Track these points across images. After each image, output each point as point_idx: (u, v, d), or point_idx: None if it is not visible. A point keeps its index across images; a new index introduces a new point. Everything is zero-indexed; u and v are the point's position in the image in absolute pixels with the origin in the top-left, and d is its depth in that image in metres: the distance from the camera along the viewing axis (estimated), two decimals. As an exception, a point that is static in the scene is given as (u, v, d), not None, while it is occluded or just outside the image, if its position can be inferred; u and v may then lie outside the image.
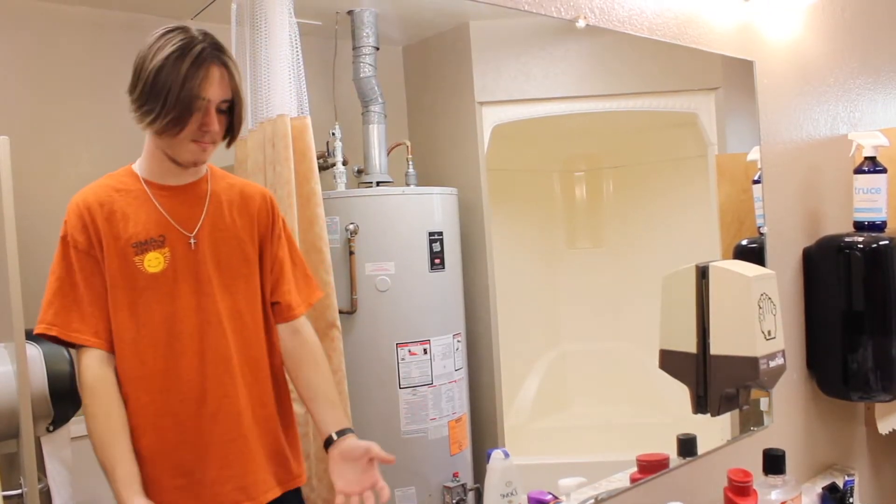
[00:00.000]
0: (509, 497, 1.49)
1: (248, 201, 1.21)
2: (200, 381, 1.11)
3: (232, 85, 1.11)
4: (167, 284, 1.10)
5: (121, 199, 1.12)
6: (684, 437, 1.81)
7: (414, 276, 1.70)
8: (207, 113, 1.08)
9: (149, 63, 1.07)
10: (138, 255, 1.09)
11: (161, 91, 1.05)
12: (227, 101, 1.11)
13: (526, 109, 1.98)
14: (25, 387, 1.19)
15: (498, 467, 1.44)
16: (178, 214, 1.14)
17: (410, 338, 1.69)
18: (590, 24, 1.87)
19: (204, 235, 1.14)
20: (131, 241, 1.10)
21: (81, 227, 1.10)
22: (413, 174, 1.88)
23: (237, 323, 1.15)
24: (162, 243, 1.11)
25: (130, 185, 1.14)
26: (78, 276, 1.09)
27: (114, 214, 1.10)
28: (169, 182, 1.15)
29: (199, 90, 1.06)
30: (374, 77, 1.85)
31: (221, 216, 1.17)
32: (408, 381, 1.68)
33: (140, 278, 1.09)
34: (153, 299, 1.10)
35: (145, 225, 1.11)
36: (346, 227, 1.66)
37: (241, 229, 1.18)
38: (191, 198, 1.16)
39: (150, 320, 1.09)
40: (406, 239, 1.71)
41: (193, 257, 1.12)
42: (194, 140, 1.09)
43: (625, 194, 2.46)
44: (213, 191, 1.18)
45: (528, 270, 2.40)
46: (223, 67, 1.10)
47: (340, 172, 1.76)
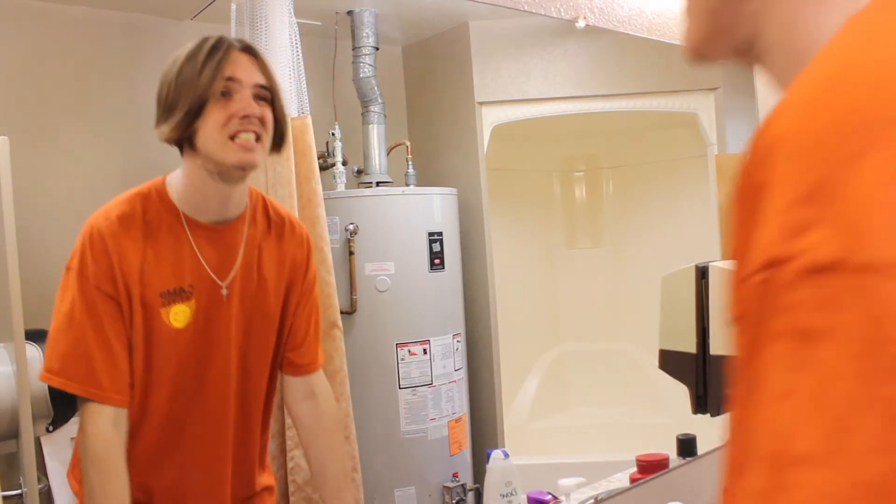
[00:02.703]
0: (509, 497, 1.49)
1: (285, 247, 1.10)
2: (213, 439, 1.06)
3: (264, 71, 0.98)
4: (185, 340, 1.00)
5: (153, 238, 0.99)
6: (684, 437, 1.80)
7: (414, 276, 1.70)
8: (240, 98, 0.94)
9: (169, 75, 0.97)
10: (165, 306, 0.98)
11: (181, 89, 0.94)
12: (264, 88, 0.97)
13: (526, 109, 1.98)
14: (25, 387, 1.19)
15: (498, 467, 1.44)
16: (213, 260, 1.02)
17: (410, 338, 1.69)
18: (589, 24, 1.87)
19: (235, 286, 1.04)
20: (160, 288, 0.98)
21: (108, 266, 0.95)
22: (413, 174, 1.88)
23: (256, 380, 1.08)
24: (190, 294, 1.00)
25: (165, 218, 1.00)
26: (103, 319, 0.95)
27: (145, 255, 0.97)
28: (208, 218, 1.01)
29: (218, 70, 0.93)
30: (374, 77, 1.85)
31: (253, 266, 1.06)
32: (408, 381, 1.68)
33: (163, 332, 0.98)
34: (170, 353, 1.00)
35: (177, 270, 0.99)
36: (346, 227, 1.66)
37: (270, 280, 1.08)
38: (228, 241, 1.03)
39: (161, 375, 1.00)
40: (406, 239, 1.71)
41: (220, 310, 1.02)
42: (233, 136, 0.94)
43: (624, 194, 2.47)
44: (249, 235, 1.05)
45: (528, 270, 2.40)
46: (248, 53, 0.98)
47: (340, 172, 1.76)
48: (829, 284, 0.24)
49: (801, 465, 0.24)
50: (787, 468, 0.24)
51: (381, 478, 1.65)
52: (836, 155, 0.25)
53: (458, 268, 1.84)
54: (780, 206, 0.26)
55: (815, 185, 0.25)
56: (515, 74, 1.95)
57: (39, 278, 1.59)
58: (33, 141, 1.62)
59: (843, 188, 0.24)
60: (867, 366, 0.23)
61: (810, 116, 0.27)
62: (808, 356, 0.24)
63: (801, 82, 0.28)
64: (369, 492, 1.61)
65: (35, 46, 1.63)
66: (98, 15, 1.70)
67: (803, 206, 0.25)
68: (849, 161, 0.25)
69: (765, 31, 0.36)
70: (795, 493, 0.23)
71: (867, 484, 0.23)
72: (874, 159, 0.24)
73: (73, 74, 1.67)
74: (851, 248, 0.24)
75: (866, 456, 0.23)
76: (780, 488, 0.24)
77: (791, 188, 0.26)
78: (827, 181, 0.25)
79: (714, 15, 0.38)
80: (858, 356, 0.23)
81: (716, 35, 0.39)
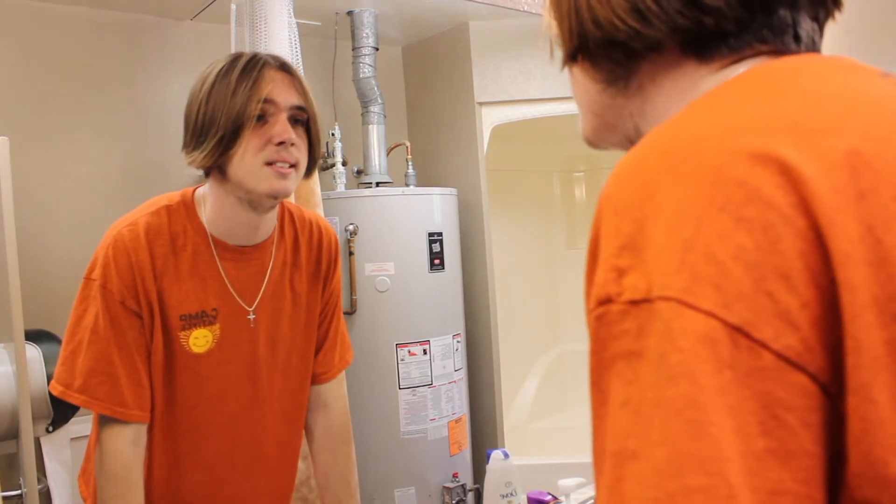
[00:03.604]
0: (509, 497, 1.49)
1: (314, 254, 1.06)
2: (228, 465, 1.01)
3: (301, 91, 0.92)
4: (209, 367, 0.96)
5: (178, 257, 0.94)
6: (684, 437, 1.80)
7: (414, 276, 1.70)
8: (276, 121, 0.88)
9: (198, 94, 0.90)
10: (184, 329, 0.94)
11: (214, 111, 0.87)
12: (302, 110, 0.91)
13: (526, 109, 1.98)
14: (25, 387, 1.19)
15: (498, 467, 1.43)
16: (239, 284, 0.97)
17: (410, 338, 1.69)
18: (589, 24, 1.87)
19: (264, 309, 0.99)
20: (181, 311, 0.94)
21: (131, 284, 0.91)
22: (413, 174, 1.88)
23: (282, 403, 1.04)
24: (214, 319, 0.95)
25: (192, 237, 0.95)
26: (127, 335, 0.92)
27: (167, 275, 0.93)
28: (236, 241, 0.96)
29: (254, 91, 0.87)
30: (374, 77, 1.85)
31: (285, 284, 1.01)
32: (407, 382, 1.68)
33: (181, 356, 0.94)
34: (190, 380, 0.96)
35: (202, 293, 0.95)
36: (346, 228, 1.66)
37: (302, 295, 1.03)
38: (255, 264, 0.99)
39: (185, 400, 0.97)
40: (406, 239, 1.71)
41: (248, 333, 0.98)
42: (269, 162, 0.88)
43: (624, 194, 2.46)
44: (277, 255, 1.00)
45: (528, 270, 2.40)
46: (283, 72, 0.91)
47: (340, 173, 1.76)
48: (641, 315, 0.30)
49: (631, 460, 0.30)
50: (623, 463, 0.30)
51: (381, 478, 1.65)
52: (643, 212, 0.32)
53: (458, 268, 1.84)
54: (606, 254, 0.32)
55: (629, 237, 0.32)
56: (515, 74, 1.95)
57: (39, 278, 1.59)
58: (33, 141, 1.62)
59: (645, 240, 0.31)
60: (660, 374, 0.29)
61: (625, 182, 0.34)
62: (634, 372, 0.30)
63: (627, 155, 0.35)
64: (369, 492, 1.61)
65: (35, 46, 1.63)
66: (98, 15, 1.71)
67: (621, 254, 0.32)
68: (651, 216, 0.31)
69: (642, 128, 0.44)
70: (627, 482, 0.29)
71: (656, 470, 0.29)
72: (664, 213, 0.31)
73: (73, 74, 1.67)
74: (651, 286, 0.30)
75: (655, 448, 0.29)
76: (619, 479, 0.30)
77: (613, 239, 0.32)
78: (636, 234, 0.32)
79: (601, 113, 0.45)
80: (656, 367, 0.29)
81: (604, 129, 0.46)
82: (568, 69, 0.46)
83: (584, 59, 0.44)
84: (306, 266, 1.04)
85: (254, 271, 0.98)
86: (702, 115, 0.36)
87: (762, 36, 0.39)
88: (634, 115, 0.44)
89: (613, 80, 0.43)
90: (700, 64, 0.40)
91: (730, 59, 0.39)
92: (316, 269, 1.05)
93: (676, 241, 0.30)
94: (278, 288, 1.01)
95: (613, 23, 0.40)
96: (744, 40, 0.39)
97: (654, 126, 0.39)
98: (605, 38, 0.41)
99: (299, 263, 1.03)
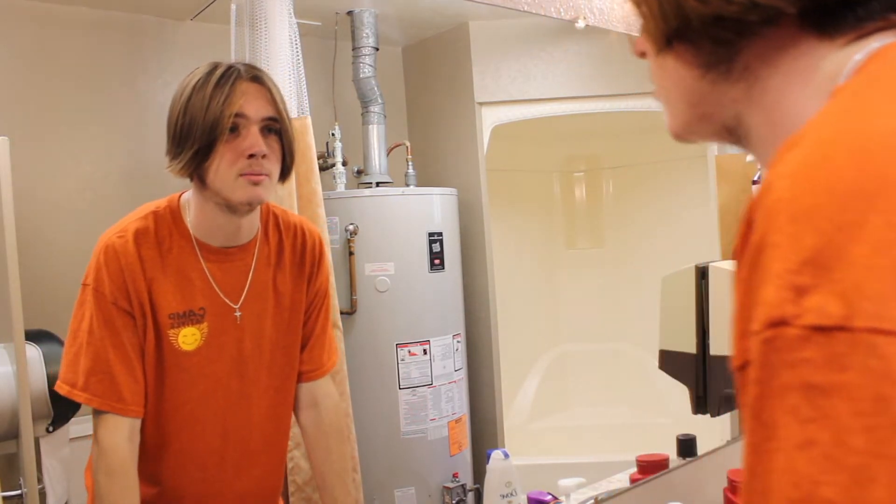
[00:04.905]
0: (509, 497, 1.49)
1: (298, 257, 1.09)
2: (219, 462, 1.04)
3: (273, 101, 0.96)
4: (198, 363, 1.00)
5: (164, 259, 0.99)
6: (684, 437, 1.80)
7: (414, 276, 1.70)
8: (248, 133, 0.93)
9: (177, 104, 0.95)
10: (174, 328, 0.99)
11: (191, 123, 0.92)
12: (273, 120, 0.96)
13: (526, 110, 1.98)
14: (25, 387, 1.19)
15: (497, 467, 1.43)
16: (224, 283, 1.02)
17: (410, 338, 1.69)
18: (589, 24, 1.87)
19: (248, 307, 1.04)
20: (169, 310, 0.98)
21: (122, 286, 0.96)
22: (413, 174, 1.88)
23: (269, 400, 1.07)
24: (201, 318, 1.00)
25: (177, 240, 1.00)
26: (122, 334, 0.97)
27: (156, 276, 0.98)
28: (219, 243, 1.01)
29: (226, 106, 0.92)
30: (374, 77, 1.85)
31: (268, 285, 1.06)
32: (408, 382, 1.68)
33: (171, 354, 0.99)
34: (181, 377, 1.00)
35: (189, 293, 1.00)
36: (346, 228, 1.66)
37: (286, 295, 1.08)
38: (238, 264, 1.03)
39: (175, 396, 1.01)
40: (406, 239, 1.71)
41: (234, 331, 1.03)
42: (243, 174, 0.93)
43: (624, 195, 2.47)
44: (260, 255, 1.05)
45: (528, 270, 2.40)
46: (257, 83, 0.96)
47: (340, 173, 1.76)
48: (833, 343, 0.25)
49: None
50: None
51: (381, 478, 1.65)
52: (833, 222, 0.27)
53: (458, 268, 1.84)
54: (781, 268, 0.27)
55: (814, 251, 0.27)
56: (515, 74, 1.95)
57: (39, 278, 1.59)
58: (33, 141, 1.62)
59: (837, 256, 0.26)
60: (879, 422, 0.25)
61: (808, 183, 0.28)
62: (819, 409, 0.25)
63: (796, 150, 0.30)
64: (369, 492, 1.61)
65: (35, 46, 1.63)
66: (98, 15, 1.70)
67: (803, 270, 0.27)
68: (845, 229, 0.26)
69: (746, 115, 0.38)
70: None
71: None
72: (868, 228, 0.26)
73: (74, 74, 1.67)
74: (852, 313, 0.25)
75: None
76: None
77: (792, 252, 0.27)
78: (824, 248, 0.27)
79: (697, 103, 0.40)
80: (869, 413, 0.25)
81: (698, 121, 0.41)
82: (651, 60, 0.41)
83: (681, 43, 0.39)
84: (290, 267, 1.08)
85: (237, 271, 1.03)
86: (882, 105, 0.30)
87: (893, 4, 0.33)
88: (738, 101, 0.39)
89: (715, 64, 0.38)
90: (820, 39, 0.35)
91: (854, 34, 0.34)
92: (300, 270, 1.09)
93: (889, 263, 0.25)
94: (262, 287, 1.05)
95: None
96: (873, 9, 0.34)
97: (764, 112, 0.35)
98: (713, 13, 0.36)
99: (283, 264, 1.07)
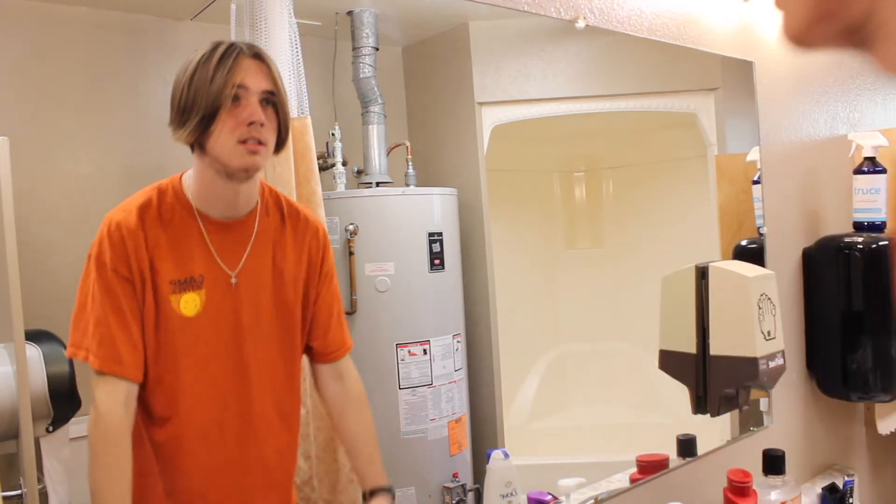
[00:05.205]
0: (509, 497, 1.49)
1: (300, 238, 1.15)
2: (219, 431, 1.07)
3: (271, 76, 1.05)
4: (198, 329, 1.05)
5: (167, 228, 1.05)
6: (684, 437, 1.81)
7: (414, 276, 1.70)
8: (248, 103, 1.01)
9: (182, 78, 1.02)
10: (174, 293, 1.04)
11: (196, 94, 1.00)
12: (271, 94, 1.04)
13: (525, 110, 1.98)
14: (25, 387, 1.19)
15: (497, 467, 1.44)
16: (224, 251, 1.08)
17: (410, 338, 1.69)
18: (589, 24, 1.87)
19: (245, 276, 1.08)
20: (170, 277, 1.04)
21: (123, 252, 1.02)
22: (413, 174, 1.88)
23: (268, 371, 1.11)
24: (200, 284, 1.05)
25: (178, 212, 1.06)
26: (121, 300, 1.02)
27: (158, 244, 1.04)
28: (219, 214, 1.08)
29: (230, 77, 1.00)
30: (374, 77, 1.85)
31: (267, 257, 1.11)
32: (407, 382, 1.68)
33: (173, 319, 1.04)
34: (182, 342, 1.05)
35: (189, 261, 1.05)
36: (346, 228, 1.66)
37: (287, 272, 1.13)
38: (238, 234, 1.09)
39: (175, 363, 1.05)
40: (406, 239, 1.71)
41: (231, 299, 1.07)
42: (241, 141, 1.01)
43: (624, 194, 2.47)
44: (260, 229, 1.11)
45: (528, 271, 2.40)
46: (257, 59, 1.04)
47: (340, 173, 1.76)
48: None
49: None
50: None
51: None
52: None
53: (458, 268, 1.84)
54: None
55: None
56: (515, 74, 1.95)
57: (39, 278, 1.59)
58: (33, 141, 1.62)
59: None
60: None
61: None
62: None
63: None
64: (369, 492, 1.61)
65: (35, 46, 1.63)
66: (98, 15, 1.70)
67: None
68: None
69: (880, 8, 0.33)
70: None
71: None
72: None
73: (74, 74, 1.67)
74: None
75: None
76: None
77: None
78: None
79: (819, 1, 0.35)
80: None
81: (823, 19, 0.35)
82: None
83: None
84: (292, 246, 1.14)
85: (237, 241, 1.09)
86: None
87: None
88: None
89: None
90: None
91: None
92: (299, 252, 1.15)
93: None
94: (261, 260, 1.10)
95: None
96: None
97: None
98: None
99: (284, 243, 1.13)
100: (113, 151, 1.74)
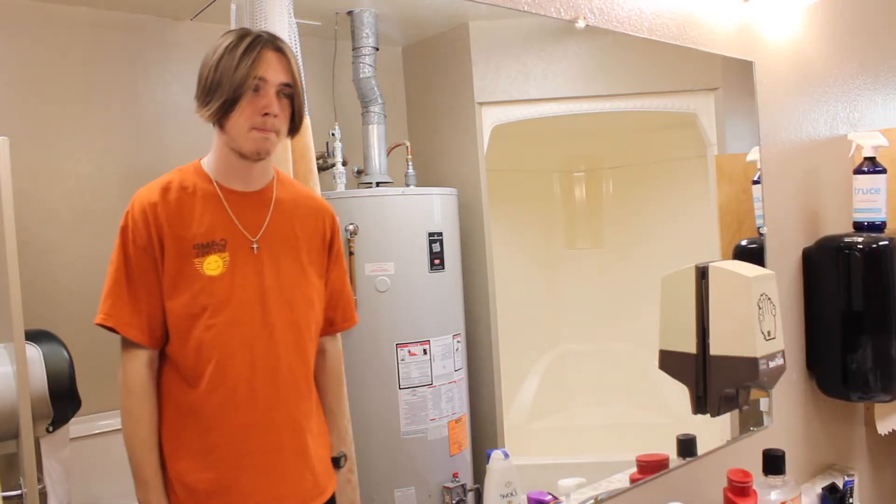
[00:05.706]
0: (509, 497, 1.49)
1: (312, 215, 1.23)
2: (249, 391, 1.12)
3: (290, 70, 1.13)
4: (224, 289, 1.11)
5: (188, 199, 1.13)
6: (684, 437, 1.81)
7: (414, 276, 1.70)
8: (265, 94, 1.10)
9: (210, 60, 1.11)
10: (199, 256, 1.11)
11: (221, 79, 1.09)
12: (288, 86, 1.12)
13: (525, 110, 1.98)
14: (25, 387, 1.19)
15: (498, 467, 1.44)
16: (244, 217, 1.15)
17: (410, 338, 1.69)
18: (589, 24, 1.87)
19: (266, 241, 1.15)
20: (194, 241, 1.11)
21: (144, 223, 1.11)
22: (413, 174, 1.88)
23: (291, 334, 1.16)
24: (223, 247, 1.12)
25: (200, 185, 1.15)
26: (135, 270, 1.10)
27: (180, 213, 1.12)
28: (238, 187, 1.16)
29: (252, 69, 1.08)
30: (374, 77, 1.85)
31: (283, 225, 1.18)
32: (407, 382, 1.68)
33: (198, 280, 1.10)
34: (208, 302, 1.10)
35: (210, 226, 1.12)
36: (346, 228, 1.66)
37: (301, 240, 1.20)
38: (257, 203, 1.17)
39: (204, 324, 1.10)
40: (406, 239, 1.71)
41: (253, 263, 1.13)
42: (255, 127, 1.10)
43: (624, 195, 2.46)
44: (278, 198, 1.19)
45: (528, 271, 2.40)
46: (279, 53, 1.12)
47: (340, 173, 1.76)
48: None
49: None
50: None
51: (381, 478, 1.65)
52: None
53: (458, 268, 1.84)
54: None
55: None
56: (515, 74, 1.95)
57: (39, 278, 1.59)
58: (33, 141, 1.61)
59: None
60: None
61: None
62: None
63: None
64: (369, 492, 1.61)
65: (35, 46, 1.63)
66: (98, 15, 1.70)
67: None
68: None
69: None
70: None
71: None
72: None
73: (74, 74, 1.67)
74: None
75: None
76: None
77: None
78: None
79: None
80: None
81: None
82: None
83: None
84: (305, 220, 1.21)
85: (256, 211, 1.16)
86: None
87: None
88: None
89: None
90: None
91: None
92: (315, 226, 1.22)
93: None
94: (280, 229, 1.17)
95: None
96: None
97: None
98: None
99: (299, 215, 1.21)
100: (113, 151, 1.73)
